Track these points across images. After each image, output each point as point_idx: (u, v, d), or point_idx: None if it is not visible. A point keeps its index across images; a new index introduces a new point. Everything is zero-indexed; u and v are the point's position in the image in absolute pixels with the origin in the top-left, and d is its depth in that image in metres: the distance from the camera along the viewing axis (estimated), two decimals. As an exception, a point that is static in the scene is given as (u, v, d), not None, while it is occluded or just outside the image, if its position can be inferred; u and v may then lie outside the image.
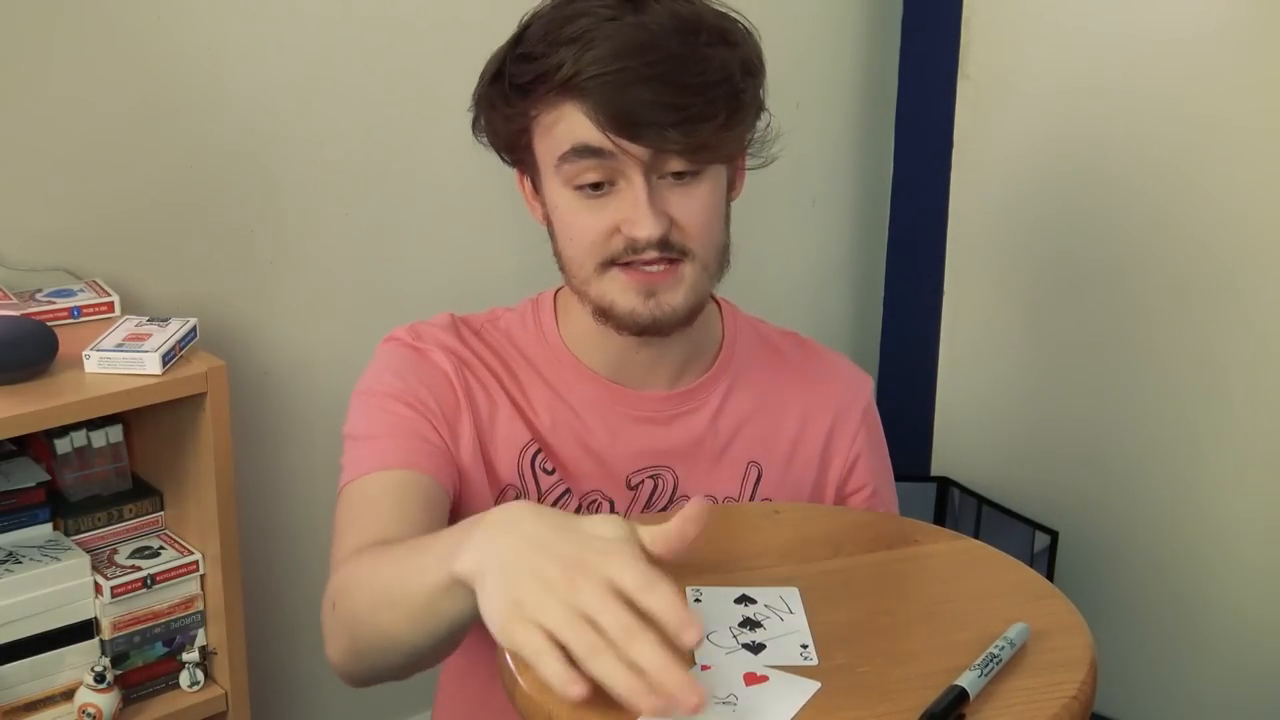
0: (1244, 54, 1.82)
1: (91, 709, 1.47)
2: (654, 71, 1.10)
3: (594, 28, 1.11)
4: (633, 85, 1.09)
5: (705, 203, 1.16)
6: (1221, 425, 1.92)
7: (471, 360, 1.26)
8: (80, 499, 1.54)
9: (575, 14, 1.13)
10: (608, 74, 1.10)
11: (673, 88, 1.10)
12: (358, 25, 1.78)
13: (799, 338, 1.37)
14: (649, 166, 1.13)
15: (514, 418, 1.25)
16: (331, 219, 1.81)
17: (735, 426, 1.27)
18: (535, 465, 1.25)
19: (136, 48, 1.62)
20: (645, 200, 1.13)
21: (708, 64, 1.12)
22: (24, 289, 1.56)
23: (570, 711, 0.81)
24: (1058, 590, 0.96)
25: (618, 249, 1.15)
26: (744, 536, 1.05)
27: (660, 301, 1.17)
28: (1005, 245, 2.14)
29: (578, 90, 1.11)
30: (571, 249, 1.18)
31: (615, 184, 1.14)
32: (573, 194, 1.16)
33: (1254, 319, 1.86)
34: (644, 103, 1.09)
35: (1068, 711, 0.82)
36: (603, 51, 1.10)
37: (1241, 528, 1.92)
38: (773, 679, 0.84)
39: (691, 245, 1.16)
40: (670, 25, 1.12)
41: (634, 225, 1.13)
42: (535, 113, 1.16)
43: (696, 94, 1.11)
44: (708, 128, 1.12)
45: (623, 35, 1.11)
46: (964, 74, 2.10)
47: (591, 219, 1.15)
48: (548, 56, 1.13)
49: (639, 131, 1.10)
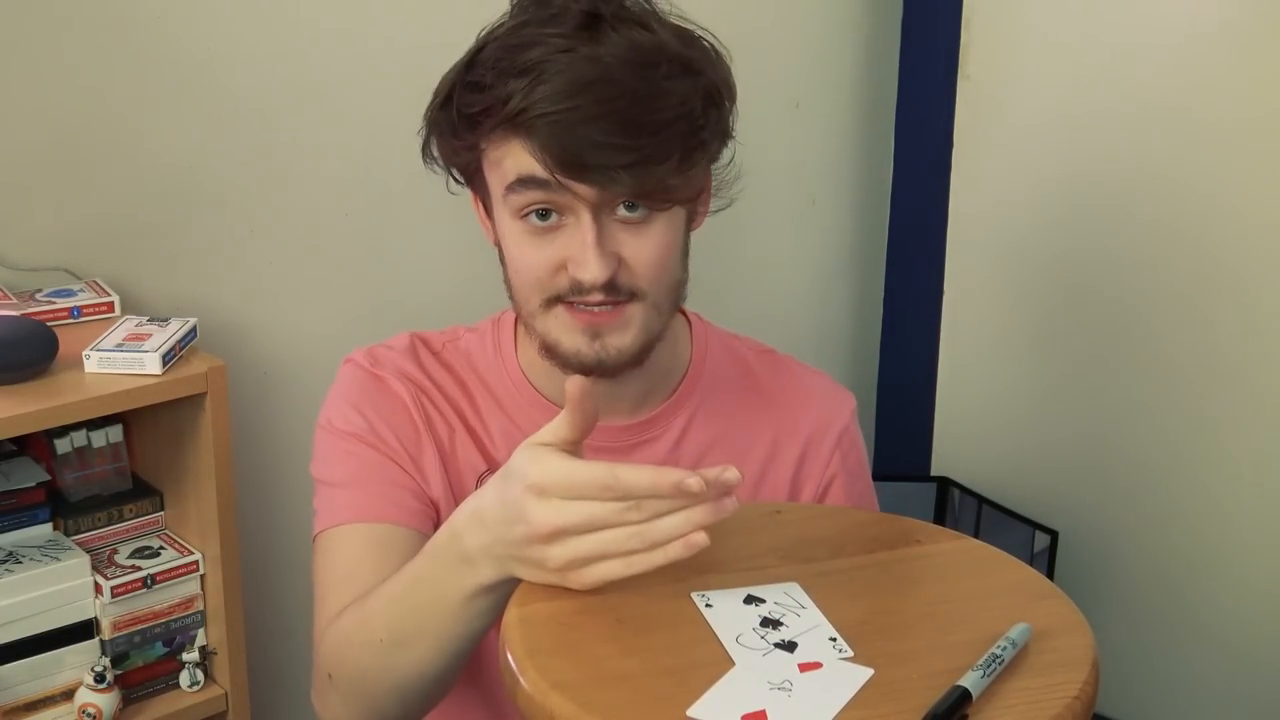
0: (1244, 55, 1.82)
1: (91, 709, 1.47)
2: (605, 110, 1.04)
3: (546, 59, 1.06)
4: (581, 124, 1.04)
5: (658, 242, 1.11)
6: (1222, 424, 1.92)
7: (429, 387, 1.24)
8: (80, 499, 1.54)
9: (528, 41, 1.08)
10: (556, 112, 1.04)
11: (624, 127, 1.05)
12: (358, 25, 1.78)
13: (776, 356, 1.33)
14: (598, 205, 1.08)
15: (470, 445, 1.23)
16: (331, 220, 1.81)
17: (699, 453, 1.24)
18: None
19: (137, 47, 1.62)
20: (593, 241, 1.08)
21: (664, 100, 1.07)
22: (24, 289, 1.56)
23: (572, 711, 0.81)
24: (1059, 590, 0.96)
25: (563, 287, 1.11)
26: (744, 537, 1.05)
27: (606, 344, 1.12)
28: (1005, 245, 2.14)
29: (525, 128, 1.06)
30: (518, 281, 1.15)
31: (564, 218, 1.10)
32: (520, 225, 1.11)
33: (1253, 319, 1.86)
34: (593, 144, 1.04)
35: (1070, 712, 0.82)
36: (553, 88, 1.05)
37: (1242, 528, 1.92)
38: (826, 665, 0.85)
39: (641, 285, 1.11)
40: (627, 57, 1.06)
41: (580, 267, 1.09)
42: (483, 145, 1.11)
43: (650, 134, 1.06)
44: (660, 170, 1.07)
45: (575, 69, 1.05)
46: (964, 74, 2.10)
47: (537, 254, 1.11)
48: (496, 88, 1.08)
49: (586, 174, 1.05)
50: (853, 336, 2.45)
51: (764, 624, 0.90)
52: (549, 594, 0.94)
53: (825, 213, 2.35)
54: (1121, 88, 1.94)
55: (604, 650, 0.88)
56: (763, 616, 0.91)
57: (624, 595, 0.94)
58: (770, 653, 0.87)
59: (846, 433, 1.29)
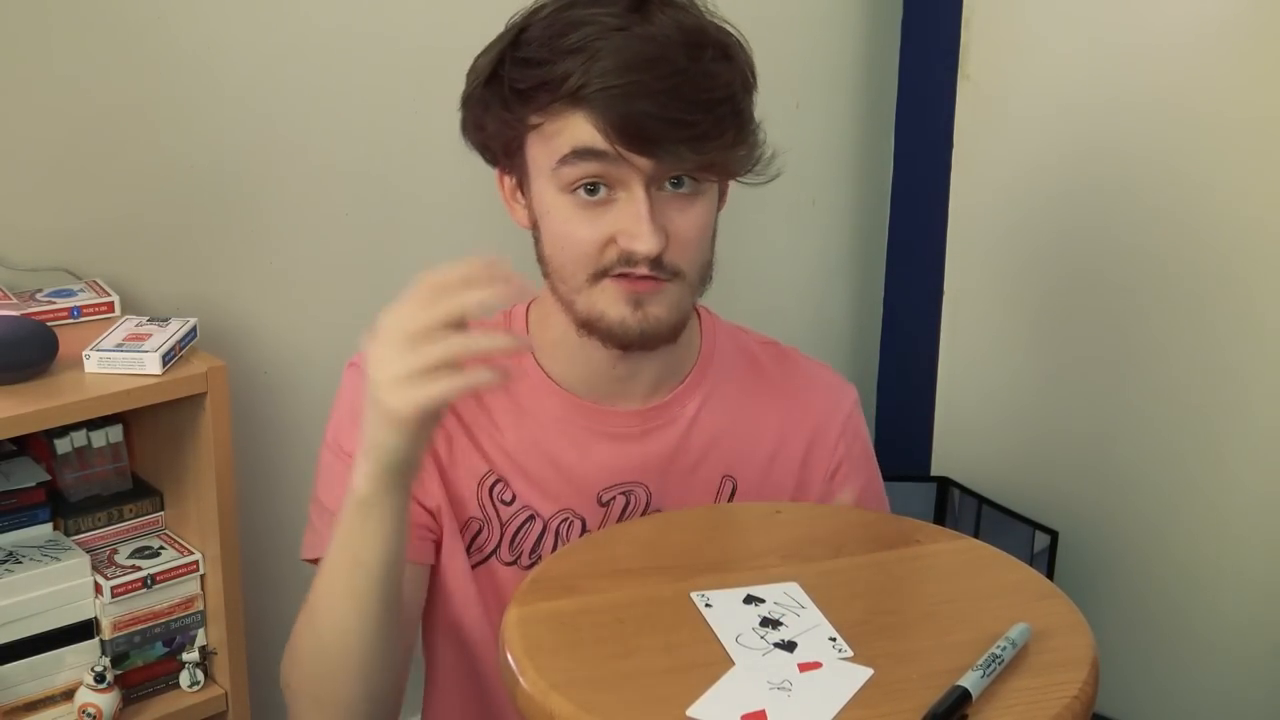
0: (1244, 54, 1.82)
1: (91, 709, 1.47)
2: (663, 86, 1.08)
3: (601, 37, 1.09)
4: (641, 99, 1.08)
5: (701, 220, 1.14)
6: (1222, 425, 1.92)
7: None
8: (80, 499, 1.54)
9: (579, 21, 1.11)
10: (617, 86, 1.08)
11: (682, 103, 1.08)
12: (358, 25, 1.78)
13: (780, 348, 1.35)
14: (650, 179, 1.11)
15: (470, 449, 1.24)
16: (331, 219, 1.81)
17: (709, 441, 1.25)
18: (494, 496, 1.24)
19: (137, 47, 1.62)
20: (647, 214, 1.11)
21: (714, 80, 1.11)
22: (24, 289, 1.56)
23: (572, 711, 0.81)
24: (1059, 590, 0.96)
25: (611, 260, 1.13)
26: (745, 536, 1.05)
27: (648, 313, 1.15)
28: (1005, 245, 2.14)
29: (585, 101, 1.09)
30: (563, 258, 1.16)
31: (614, 193, 1.12)
32: (568, 200, 1.14)
33: (1254, 318, 1.86)
34: (653, 118, 1.08)
35: (1070, 711, 0.83)
36: (612, 63, 1.08)
37: (1242, 528, 1.92)
38: (826, 665, 0.85)
39: (682, 265, 1.14)
40: (677, 38, 1.10)
41: (633, 239, 1.11)
42: (537, 120, 1.13)
43: (704, 111, 1.09)
44: (715, 145, 1.11)
45: (631, 48, 1.09)
46: (964, 74, 2.10)
47: (587, 230, 1.13)
48: (553, 64, 1.10)
49: (647, 145, 1.09)
50: (853, 336, 2.45)
51: (764, 624, 0.90)
52: (549, 594, 0.94)
53: (825, 213, 2.35)
54: (1121, 87, 1.94)
55: (604, 650, 0.88)
56: (762, 616, 0.91)
57: (624, 595, 0.94)
58: (770, 653, 0.87)
59: (850, 420, 1.31)
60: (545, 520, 1.23)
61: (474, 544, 1.25)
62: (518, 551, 1.24)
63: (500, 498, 1.24)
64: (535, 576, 0.98)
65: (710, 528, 1.08)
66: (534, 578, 0.97)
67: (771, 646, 0.87)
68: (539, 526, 1.23)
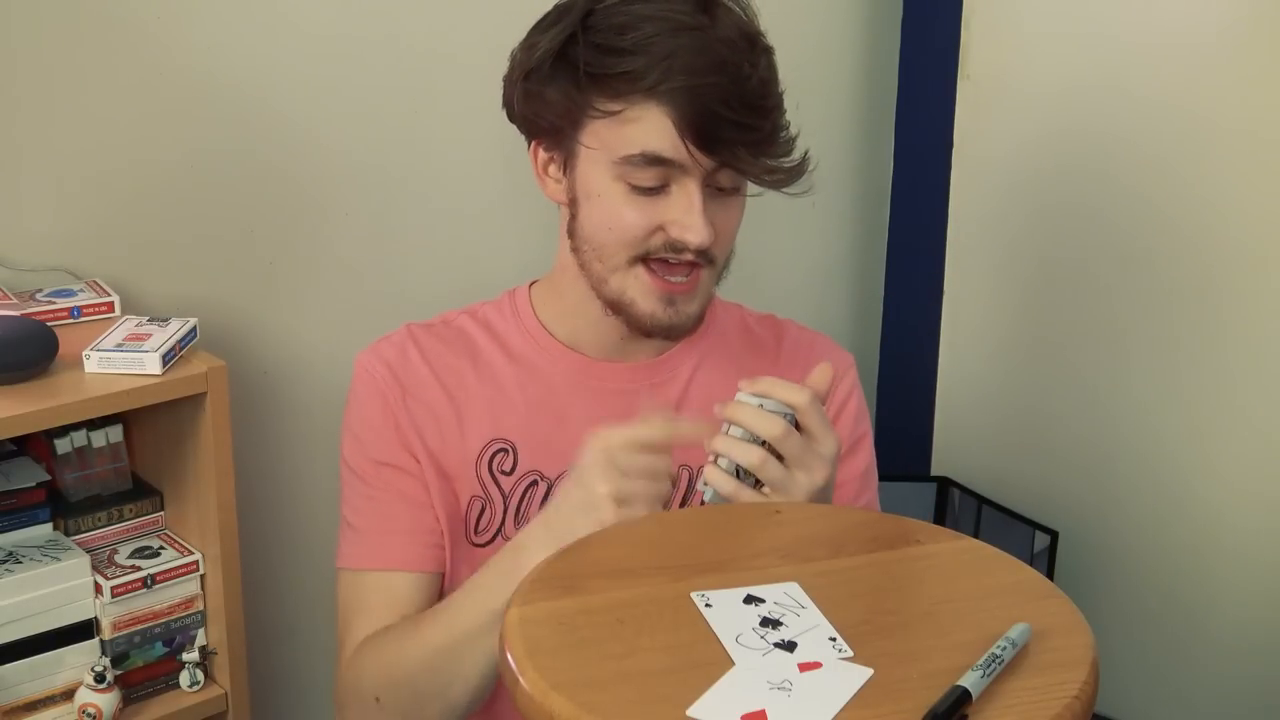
0: (1243, 54, 1.82)
1: (91, 709, 1.47)
2: (736, 89, 1.14)
3: (677, 33, 1.14)
4: (716, 100, 1.13)
5: (737, 215, 1.23)
6: (1222, 425, 1.92)
7: (412, 382, 1.31)
8: (80, 499, 1.54)
9: (653, 15, 1.15)
10: (698, 86, 1.13)
11: (748, 107, 1.15)
12: (358, 24, 1.77)
13: (776, 320, 1.42)
14: (706, 177, 1.17)
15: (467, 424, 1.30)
16: (331, 219, 1.81)
17: (708, 396, 1.29)
18: (493, 468, 1.27)
19: (137, 47, 1.62)
20: (700, 209, 1.17)
21: (771, 85, 1.18)
22: (24, 289, 1.56)
23: (572, 711, 0.81)
24: (1059, 590, 0.96)
25: (655, 246, 1.19)
26: (744, 536, 1.05)
27: (679, 310, 1.22)
28: (1005, 245, 2.14)
29: (664, 96, 1.14)
30: (607, 238, 1.21)
31: (668, 185, 1.18)
32: (622, 186, 1.18)
33: (1255, 318, 1.86)
34: (724, 120, 1.13)
35: (1070, 711, 0.82)
36: (692, 62, 1.13)
37: (1242, 528, 1.92)
38: (826, 665, 0.85)
39: (717, 255, 1.22)
40: (740, 42, 1.16)
41: (686, 230, 1.17)
42: (613, 107, 1.17)
43: (763, 115, 1.16)
44: (771, 150, 1.18)
45: (711, 50, 1.14)
46: (964, 74, 2.10)
47: (637, 215, 1.18)
48: (634, 55, 1.14)
49: (715, 146, 1.14)
50: (853, 336, 2.45)
51: (764, 624, 0.90)
52: (549, 594, 0.94)
53: (825, 213, 2.35)
54: (1122, 87, 1.94)
55: (604, 650, 0.88)
56: (762, 616, 0.91)
57: (624, 595, 0.94)
58: (770, 653, 0.87)
59: (844, 381, 1.38)
60: (551, 481, 1.26)
61: (479, 526, 1.28)
62: (523, 520, 1.27)
63: (500, 469, 1.27)
64: (535, 576, 0.98)
65: (710, 527, 1.08)
66: (534, 577, 0.97)
67: (771, 646, 0.87)
68: (543, 490, 1.26)
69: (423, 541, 1.30)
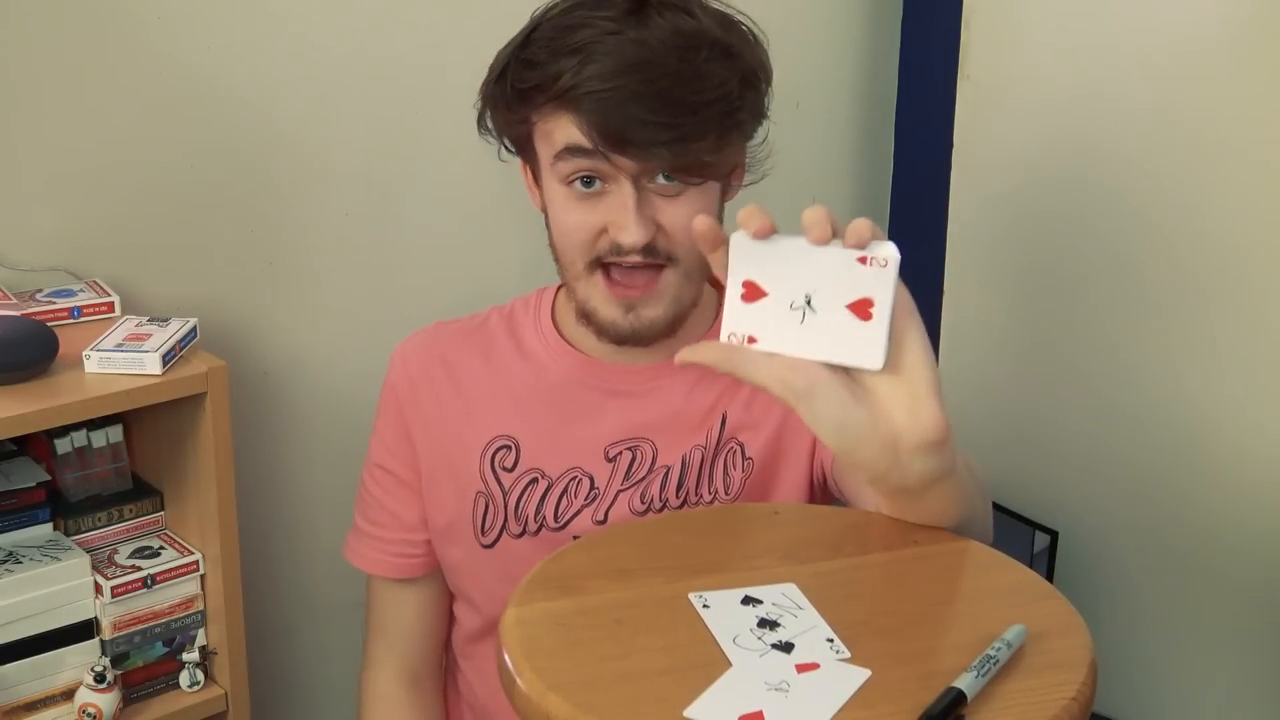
0: (1244, 56, 1.82)
1: (91, 709, 1.47)
2: (647, 89, 1.13)
3: (596, 40, 1.14)
4: (625, 102, 1.13)
5: (692, 210, 1.18)
6: (1222, 424, 1.92)
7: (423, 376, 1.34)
8: (80, 499, 1.54)
9: (579, 24, 1.16)
10: (603, 90, 1.13)
11: (665, 106, 1.13)
12: (357, 24, 1.78)
13: None
14: (637, 175, 1.16)
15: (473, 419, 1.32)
16: (331, 219, 1.81)
17: (713, 399, 1.30)
18: (495, 465, 1.29)
19: (136, 47, 1.62)
20: (632, 207, 1.16)
21: (704, 82, 1.15)
22: (24, 289, 1.56)
23: (569, 711, 0.81)
24: (1057, 591, 0.96)
25: (604, 249, 1.20)
26: (743, 537, 1.05)
27: (640, 315, 1.22)
28: (1005, 245, 2.14)
29: (573, 103, 1.15)
30: (563, 243, 1.23)
31: (606, 185, 1.18)
32: (566, 191, 1.19)
33: (1255, 318, 1.86)
34: (635, 120, 1.13)
35: (1067, 713, 0.83)
36: (601, 67, 1.13)
37: (1242, 527, 1.92)
38: (824, 666, 0.85)
39: (676, 252, 1.20)
40: (670, 41, 1.15)
41: (620, 230, 1.17)
42: (535, 119, 1.20)
43: (689, 113, 1.14)
44: (697, 147, 1.15)
45: (622, 51, 1.14)
46: (964, 74, 2.10)
47: (582, 217, 1.19)
48: (548, 65, 1.16)
49: (627, 147, 1.14)
50: (853, 336, 2.45)
51: (761, 624, 0.90)
52: (546, 594, 0.94)
53: (825, 213, 2.34)
54: (1122, 87, 1.94)
55: (601, 651, 0.88)
56: (760, 617, 0.91)
57: (621, 596, 0.94)
58: (767, 653, 0.87)
59: None
60: (552, 479, 1.26)
61: (484, 525, 1.29)
62: (523, 518, 1.28)
63: (502, 465, 1.29)
64: (533, 577, 0.98)
65: (708, 528, 1.08)
66: (532, 578, 0.97)
67: (769, 647, 0.88)
68: (542, 488, 1.27)
69: (393, 551, 1.38)
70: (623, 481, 1.27)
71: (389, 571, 1.39)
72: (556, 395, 1.30)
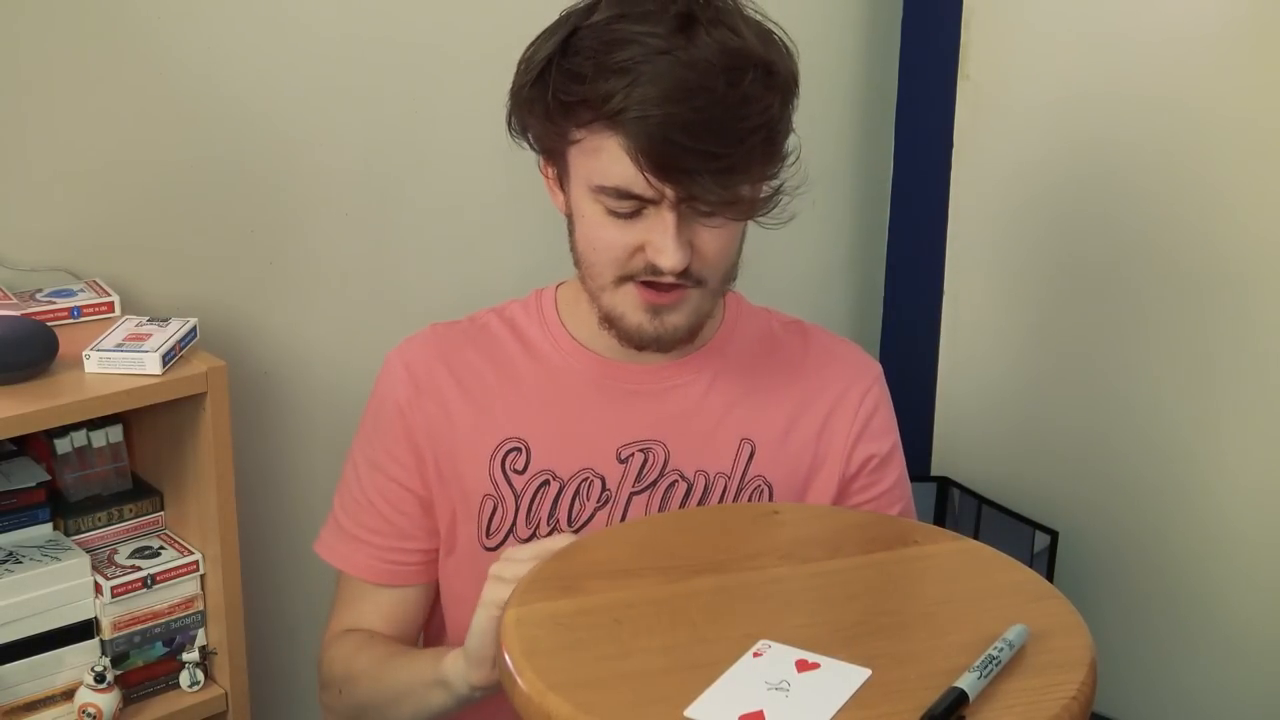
0: (1245, 53, 1.82)
1: (91, 709, 1.47)
2: (699, 117, 1.10)
3: (645, 60, 1.11)
4: (677, 130, 1.10)
5: (729, 236, 1.20)
6: (1223, 425, 1.92)
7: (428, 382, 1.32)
8: (80, 499, 1.54)
9: (626, 38, 1.13)
10: (654, 116, 1.10)
11: (715, 135, 1.11)
12: (357, 25, 1.78)
13: (803, 326, 1.40)
14: (682, 201, 1.15)
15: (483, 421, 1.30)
16: (331, 219, 1.81)
17: (727, 404, 1.30)
18: (505, 467, 1.28)
19: (136, 48, 1.62)
20: (673, 233, 1.15)
21: (751, 107, 1.13)
22: (24, 289, 1.56)
23: (569, 711, 0.81)
24: (1057, 591, 0.96)
25: (637, 268, 1.18)
26: (743, 537, 1.05)
27: (665, 321, 1.21)
28: (1005, 245, 2.14)
29: (623, 126, 1.12)
30: (593, 257, 1.21)
31: (645, 207, 1.16)
32: (602, 209, 1.18)
33: (1255, 319, 1.86)
34: (685, 150, 1.10)
35: (1067, 712, 0.83)
36: (653, 91, 1.10)
37: (1243, 527, 1.92)
38: (824, 666, 0.85)
39: (706, 275, 1.20)
40: (720, 63, 1.12)
41: (660, 254, 1.16)
42: (578, 136, 1.16)
43: (736, 143, 1.12)
44: (741, 179, 1.14)
45: (674, 75, 1.11)
46: (964, 74, 2.10)
47: (617, 235, 1.18)
48: (596, 83, 1.13)
49: (676, 175, 1.12)
50: (853, 336, 2.44)
51: None
52: (547, 595, 0.94)
53: (825, 213, 2.34)
54: (1121, 87, 1.94)
55: (601, 651, 0.88)
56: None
57: (621, 596, 0.94)
58: None
59: (874, 391, 1.37)
60: (564, 481, 1.26)
61: (490, 527, 1.28)
62: (535, 521, 1.27)
63: (513, 467, 1.28)
64: (533, 577, 0.98)
65: (708, 528, 1.08)
66: (531, 578, 0.97)
67: None
68: (554, 490, 1.26)
69: (387, 558, 1.35)
70: (634, 483, 1.27)
71: (377, 578, 1.36)
72: (569, 396, 1.30)
